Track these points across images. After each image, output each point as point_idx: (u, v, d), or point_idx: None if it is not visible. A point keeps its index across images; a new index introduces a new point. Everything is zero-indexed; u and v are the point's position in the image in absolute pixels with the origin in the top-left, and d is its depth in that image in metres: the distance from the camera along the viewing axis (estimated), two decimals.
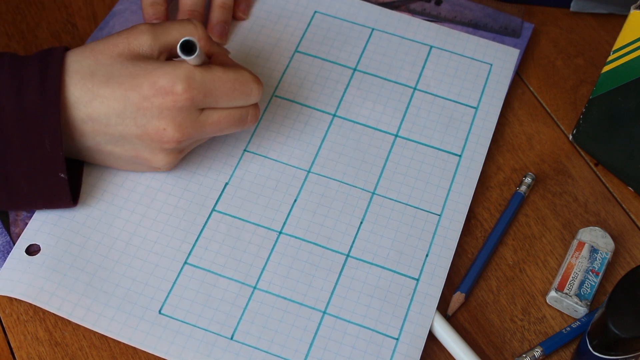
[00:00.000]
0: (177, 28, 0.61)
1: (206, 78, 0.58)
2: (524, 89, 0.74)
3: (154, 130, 0.58)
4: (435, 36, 0.75)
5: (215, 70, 0.59)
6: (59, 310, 0.58)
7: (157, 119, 0.58)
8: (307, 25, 0.75)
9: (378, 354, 0.59)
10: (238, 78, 0.60)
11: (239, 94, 0.60)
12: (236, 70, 0.60)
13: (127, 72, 0.58)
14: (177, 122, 0.58)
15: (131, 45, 0.59)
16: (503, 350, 0.61)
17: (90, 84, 0.57)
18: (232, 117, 0.61)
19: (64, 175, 0.58)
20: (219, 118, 0.60)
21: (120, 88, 0.57)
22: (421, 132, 0.69)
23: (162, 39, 0.60)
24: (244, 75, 0.60)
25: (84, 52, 0.59)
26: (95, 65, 0.58)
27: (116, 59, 0.58)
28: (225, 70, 0.60)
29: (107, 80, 0.57)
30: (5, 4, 0.75)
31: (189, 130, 0.59)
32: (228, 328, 0.59)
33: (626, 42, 0.63)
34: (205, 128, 0.60)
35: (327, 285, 0.61)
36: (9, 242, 0.61)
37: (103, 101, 0.57)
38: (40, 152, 0.56)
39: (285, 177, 0.66)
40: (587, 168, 0.70)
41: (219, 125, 0.61)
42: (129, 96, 0.57)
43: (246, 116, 0.62)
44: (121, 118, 0.58)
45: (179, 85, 0.57)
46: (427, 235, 0.64)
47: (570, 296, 0.62)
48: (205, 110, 0.60)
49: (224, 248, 0.62)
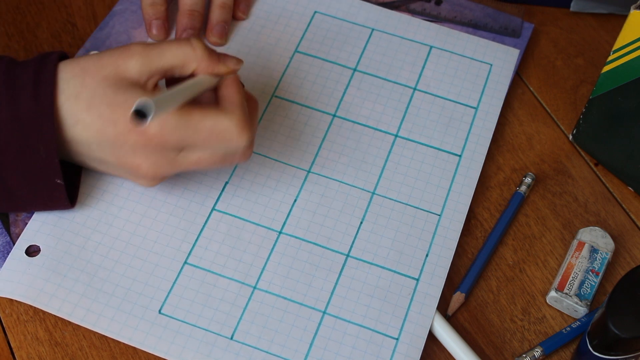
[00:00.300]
0: (173, 50, 0.58)
1: (180, 125, 0.56)
2: (524, 89, 0.74)
3: (130, 164, 0.58)
4: (435, 36, 0.75)
5: (191, 118, 0.56)
6: (58, 311, 0.58)
7: (132, 155, 0.57)
8: (307, 25, 0.75)
9: (378, 354, 0.58)
10: (216, 127, 0.56)
11: (216, 142, 0.57)
12: (218, 116, 0.57)
13: (108, 102, 0.56)
14: (150, 161, 0.57)
15: (119, 68, 0.57)
16: (503, 350, 0.61)
17: (74, 108, 0.56)
18: (214, 159, 0.58)
19: (60, 181, 0.58)
20: (198, 159, 0.58)
21: (100, 120, 0.56)
22: (421, 132, 0.69)
23: (154, 63, 0.57)
24: (224, 123, 0.56)
25: (74, 69, 0.57)
26: (81, 88, 0.57)
27: (101, 82, 0.56)
28: (203, 117, 0.56)
29: (89, 106, 0.56)
30: (5, 4, 0.75)
31: (163, 170, 0.58)
32: (228, 328, 0.59)
33: (626, 42, 0.63)
34: (182, 167, 0.58)
35: (327, 285, 0.61)
36: (9, 243, 0.61)
37: (84, 127, 0.57)
38: (35, 159, 0.56)
39: (285, 176, 0.66)
40: (587, 168, 0.70)
41: (198, 165, 0.58)
42: (106, 130, 0.56)
43: (232, 157, 0.59)
44: (100, 147, 0.57)
45: (152, 128, 0.55)
46: (427, 235, 0.64)
47: (570, 296, 0.62)
48: (185, 149, 0.57)
49: (224, 248, 0.62)
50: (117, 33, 0.72)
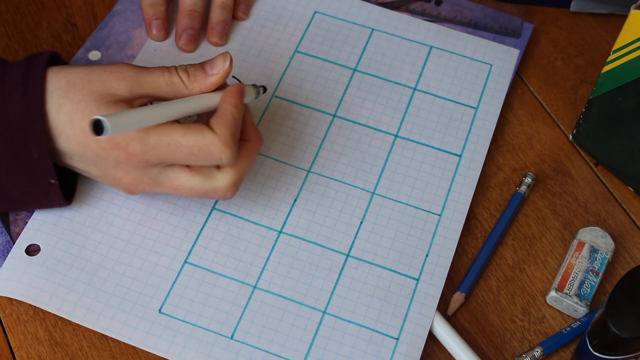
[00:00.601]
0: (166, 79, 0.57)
1: (161, 142, 0.55)
2: (524, 89, 0.74)
3: (112, 176, 0.58)
4: (435, 36, 0.75)
5: (173, 134, 0.55)
6: (58, 311, 0.58)
7: (114, 169, 0.57)
8: (307, 25, 0.75)
9: (378, 354, 0.58)
10: (197, 144, 0.55)
11: (198, 159, 0.56)
12: (200, 134, 0.56)
13: (89, 116, 0.55)
14: (132, 177, 0.57)
15: (107, 85, 0.56)
16: (503, 350, 0.61)
17: (57, 118, 0.56)
18: (194, 191, 0.58)
19: (55, 181, 0.58)
20: (178, 186, 0.57)
21: (82, 134, 0.56)
22: (421, 132, 0.69)
23: (144, 87, 0.57)
24: (206, 140, 0.55)
25: (60, 81, 0.56)
26: (64, 100, 0.56)
27: (85, 96, 0.56)
28: (185, 133, 0.55)
29: (71, 120, 0.56)
30: (5, 4, 0.75)
31: (143, 187, 0.58)
32: (228, 327, 0.59)
33: (626, 42, 0.63)
34: (162, 189, 0.58)
35: (327, 285, 0.61)
36: (9, 242, 0.61)
37: (66, 139, 0.56)
38: (28, 160, 0.56)
39: (285, 176, 0.66)
40: (587, 168, 0.70)
41: (177, 192, 0.58)
42: (88, 144, 0.56)
43: (213, 194, 0.58)
44: (82, 159, 0.57)
45: (132, 145, 0.55)
46: (427, 235, 0.64)
47: (570, 296, 0.62)
48: (169, 169, 0.57)
49: (224, 247, 0.62)
50: (117, 33, 0.72)
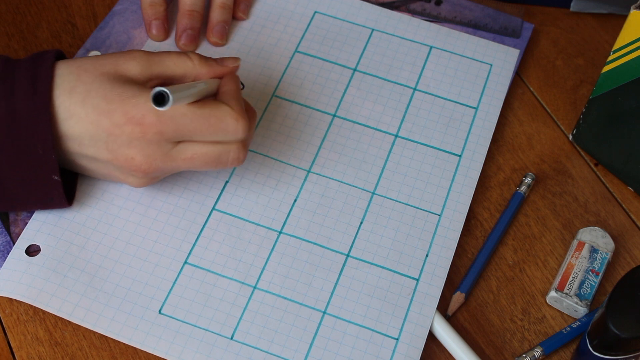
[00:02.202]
0: (174, 59, 0.59)
1: (177, 113, 0.56)
2: (524, 89, 0.74)
3: (123, 157, 0.57)
4: (435, 36, 0.75)
5: (189, 107, 0.57)
6: (58, 311, 0.58)
7: (127, 147, 0.57)
8: (307, 25, 0.75)
9: (378, 354, 0.58)
10: (214, 114, 0.57)
11: (214, 131, 0.57)
12: (215, 105, 0.58)
13: (103, 95, 0.56)
14: (145, 153, 0.57)
15: (119, 67, 0.58)
16: (503, 350, 0.61)
17: (68, 102, 0.57)
18: (208, 157, 0.58)
19: (58, 178, 0.58)
20: (192, 155, 0.58)
21: (95, 112, 0.56)
22: (421, 132, 0.69)
23: (155, 68, 0.58)
24: (222, 111, 0.57)
25: (71, 67, 0.58)
26: (76, 82, 0.57)
27: (97, 77, 0.57)
28: (200, 105, 0.57)
29: (84, 100, 0.56)
30: (5, 4, 0.75)
31: (157, 163, 0.58)
32: (228, 328, 0.59)
33: (626, 42, 0.63)
34: (176, 163, 0.58)
35: (327, 285, 0.61)
36: (9, 242, 0.61)
37: (78, 121, 0.57)
38: (32, 156, 0.56)
39: (285, 176, 0.66)
40: (587, 168, 0.70)
41: (192, 162, 0.58)
42: (101, 121, 0.56)
43: (226, 157, 0.59)
44: (93, 140, 0.57)
45: (149, 117, 0.56)
46: (427, 235, 0.64)
47: (570, 296, 0.62)
48: (181, 143, 0.58)
49: (224, 248, 0.62)
50: (117, 33, 0.72)
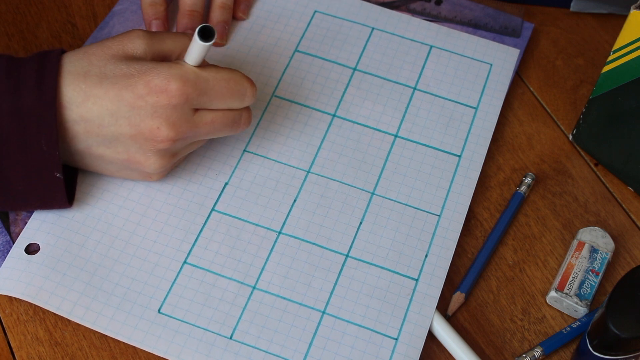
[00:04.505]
0: (172, 38, 0.61)
1: (200, 77, 0.59)
2: (524, 89, 0.74)
3: (148, 129, 0.58)
4: (435, 36, 0.75)
5: (209, 70, 0.59)
6: (58, 309, 0.58)
7: (151, 118, 0.58)
8: (307, 25, 0.75)
9: (377, 354, 0.58)
10: (232, 77, 0.60)
11: (233, 93, 0.60)
12: (230, 69, 0.61)
13: (121, 72, 0.58)
14: (171, 121, 0.58)
15: (125, 47, 0.59)
16: (503, 350, 0.61)
17: (84, 85, 0.57)
18: (226, 118, 0.61)
19: (60, 175, 0.58)
20: (213, 118, 0.60)
21: (114, 88, 0.57)
22: (421, 132, 0.69)
23: (157, 46, 0.60)
24: (238, 75, 0.61)
25: (78, 54, 0.59)
26: (89, 66, 0.58)
27: (109, 60, 0.58)
28: (219, 69, 0.60)
29: (101, 80, 0.57)
30: (5, 4, 0.75)
31: (183, 129, 0.59)
32: (227, 327, 0.59)
33: (626, 42, 0.63)
34: (199, 128, 0.60)
35: (327, 285, 0.61)
36: (9, 242, 0.61)
37: (96, 101, 0.57)
38: (36, 151, 0.56)
39: (284, 177, 0.66)
40: (587, 168, 0.70)
41: (212, 125, 0.61)
42: (122, 95, 0.57)
43: (239, 118, 0.62)
44: (114, 118, 0.57)
45: (173, 83, 0.57)
46: (426, 235, 0.64)
47: (570, 296, 0.61)
48: (200, 110, 0.60)
49: (224, 248, 0.62)
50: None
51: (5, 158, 0.56)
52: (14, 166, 0.57)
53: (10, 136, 0.56)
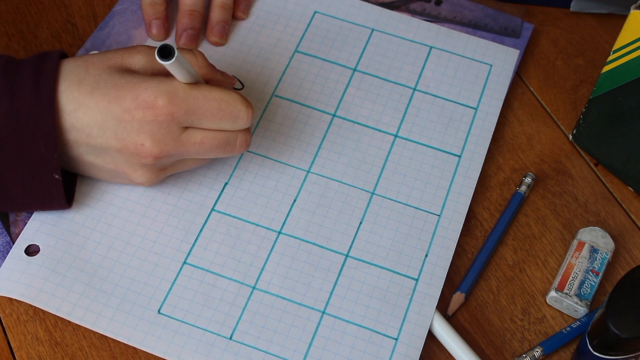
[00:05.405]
0: None
1: (190, 95, 0.57)
2: (524, 89, 0.74)
3: (133, 144, 0.57)
4: (435, 36, 0.75)
5: (201, 88, 0.58)
6: (58, 311, 0.58)
7: (137, 133, 0.57)
8: (307, 25, 0.75)
9: (377, 354, 0.58)
10: (225, 98, 0.58)
11: (224, 114, 0.58)
12: (225, 90, 0.59)
13: (113, 84, 0.57)
14: (156, 138, 0.57)
15: (124, 60, 0.59)
16: (503, 350, 0.61)
17: (76, 93, 0.57)
18: (217, 140, 0.59)
19: (58, 177, 0.58)
20: (202, 139, 0.59)
21: (104, 99, 0.57)
22: (421, 132, 0.69)
23: (156, 63, 0.59)
24: (232, 96, 0.59)
25: (78, 61, 0.58)
26: (85, 75, 0.57)
27: (105, 70, 0.58)
28: (212, 89, 0.58)
29: (93, 90, 0.57)
30: (5, 4, 0.75)
31: (167, 148, 0.58)
32: (227, 328, 0.59)
33: (626, 42, 0.63)
34: (186, 147, 0.59)
35: (326, 285, 0.61)
36: (9, 243, 0.61)
37: (86, 111, 0.57)
38: (34, 153, 0.56)
39: (284, 177, 0.66)
40: (587, 168, 0.70)
41: (201, 146, 0.59)
42: (111, 108, 0.57)
43: (234, 141, 0.60)
44: (102, 130, 0.57)
45: (160, 99, 0.56)
46: (426, 235, 0.64)
47: (570, 296, 0.61)
48: (189, 129, 0.58)
49: (223, 248, 0.62)
50: (117, 33, 0.72)
51: (4, 160, 0.56)
52: (13, 168, 0.57)
53: (9, 139, 0.56)
